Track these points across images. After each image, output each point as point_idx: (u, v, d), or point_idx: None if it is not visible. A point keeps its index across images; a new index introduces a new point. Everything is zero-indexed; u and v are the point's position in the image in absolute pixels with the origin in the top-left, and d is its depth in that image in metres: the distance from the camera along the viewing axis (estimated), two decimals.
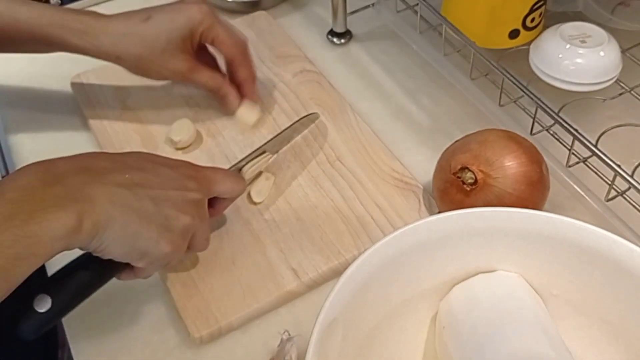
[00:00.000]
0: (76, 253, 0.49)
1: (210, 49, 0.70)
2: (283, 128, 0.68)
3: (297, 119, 0.69)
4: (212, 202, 0.57)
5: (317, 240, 0.60)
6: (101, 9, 0.89)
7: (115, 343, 0.56)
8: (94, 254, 0.48)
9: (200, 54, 0.68)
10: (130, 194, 0.47)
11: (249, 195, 0.63)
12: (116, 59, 0.65)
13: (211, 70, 0.68)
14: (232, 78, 0.70)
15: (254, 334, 0.56)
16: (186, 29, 0.64)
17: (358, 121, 0.71)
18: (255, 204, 0.63)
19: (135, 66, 0.66)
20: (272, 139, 0.66)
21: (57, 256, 0.44)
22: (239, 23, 0.85)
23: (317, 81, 0.76)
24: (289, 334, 0.52)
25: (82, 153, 0.49)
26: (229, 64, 0.69)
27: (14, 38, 0.63)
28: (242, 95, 0.70)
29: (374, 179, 0.65)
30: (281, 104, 0.74)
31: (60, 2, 0.89)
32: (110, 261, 0.49)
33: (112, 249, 0.47)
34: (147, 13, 0.64)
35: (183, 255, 0.53)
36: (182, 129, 0.69)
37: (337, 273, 0.58)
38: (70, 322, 0.57)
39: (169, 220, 0.50)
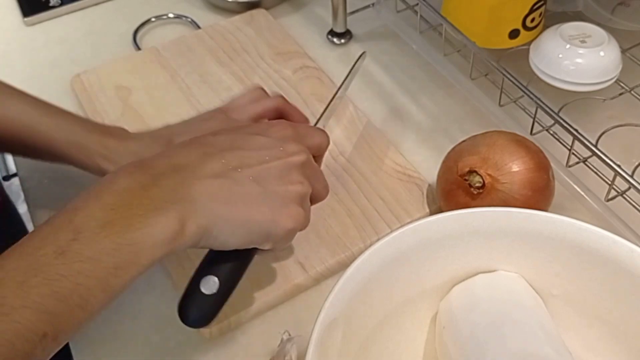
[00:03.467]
0: None
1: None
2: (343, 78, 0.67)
3: (351, 65, 0.68)
4: None
5: (323, 234, 0.61)
6: (101, 8, 0.90)
7: (116, 343, 0.56)
8: (214, 249, 0.46)
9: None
10: (230, 182, 0.45)
11: None
12: None
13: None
14: None
15: (254, 334, 0.56)
16: None
17: (359, 116, 0.72)
18: None
19: None
20: (335, 94, 0.64)
21: None
22: (237, 21, 0.85)
23: (318, 77, 0.76)
24: (289, 334, 0.52)
25: (174, 145, 0.47)
26: None
27: (31, 147, 0.57)
28: None
29: (377, 172, 0.66)
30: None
31: (60, 2, 0.89)
32: None
33: (229, 242, 0.45)
34: (168, 136, 0.57)
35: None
36: None
37: (343, 266, 0.59)
38: None
39: (279, 195, 0.46)
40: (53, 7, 0.89)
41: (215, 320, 0.47)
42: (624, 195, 0.58)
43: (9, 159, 0.69)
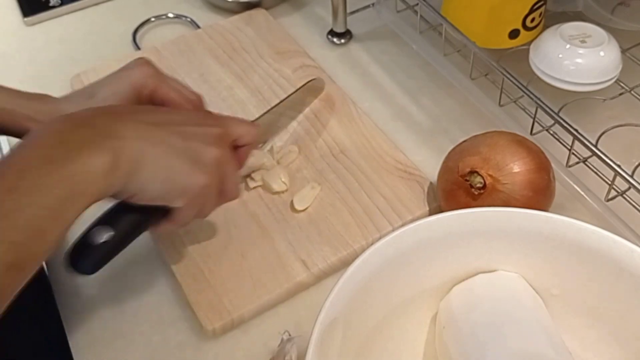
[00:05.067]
0: None
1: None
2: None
3: (299, 86, 0.70)
4: (234, 151, 0.57)
5: (324, 232, 0.61)
6: (101, 8, 0.90)
7: (116, 343, 0.56)
8: (132, 201, 0.48)
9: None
10: (158, 129, 0.48)
11: (291, 202, 0.63)
12: None
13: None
14: None
15: (254, 334, 0.56)
16: (131, 97, 0.59)
17: (360, 114, 0.72)
18: (297, 211, 0.63)
19: None
20: (274, 107, 0.67)
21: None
22: (237, 21, 0.85)
23: (318, 76, 0.76)
24: (289, 334, 0.52)
25: (101, 106, 0.50)
26: None
27: None
28: None
29: (378, 170, 0.66)
30: None
31: (60, 2, 0.89)
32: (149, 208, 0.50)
33: (149, 187, 0.48)
34: (90, 90, 0.60)
35: (216, 204, 0.54)
36: None
37: (345, 263, 0.59)
38: (70, 322, 0.57)
39: (198, 152, 0.50)
40: (53, 7, 0.89)
41: (218, 318, 0.46)
42: (624, 195, 0.58)
43: None
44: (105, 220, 0.50)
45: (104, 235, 0.49)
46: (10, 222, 0.40)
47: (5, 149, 0.71)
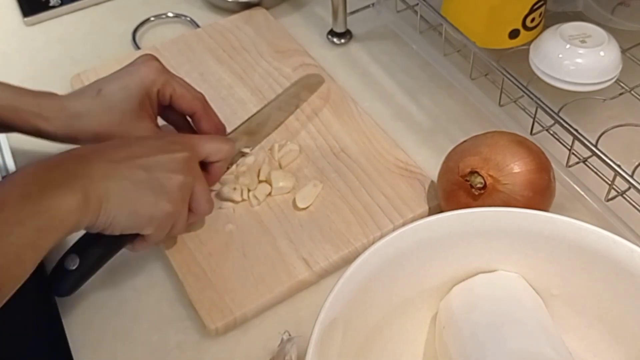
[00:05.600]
0: None
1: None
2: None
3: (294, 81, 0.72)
4: (207, 168, 0.59)
5: (326, 230, 0.61)
6: (101, 8, 0.90)
7: (116, 343, 0.56)
8: (105, 233, 0.52)
9: (167, 114, 0.65)
10: (122, 166, 0.51)
11: (293, 200, 0.64)
12: (74, 139, 0.61)
13: (175, 134, 0.65)
14: (199, 132, 0.65)
15: (254, 334, 0.56)
16: (140, 92, 0.61)
17: (360, 112, 0.72)
18: (299, 209, 0.63)
19: (95, 143, 0.60)
20: (269, 103, 0.69)
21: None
22: (236, 20, 0.85)
23: (318, 74, 0.76)
24: (289, 334, 0.52)
25: (71, 149, 0.54)
26: (192, 117, 0.65)
27: None
28: None
29: (379, 168, 0.66)
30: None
31: (60, 2, 0.89)
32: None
33: (117, 220, 0.51)
34: (98, 86, 0.61)
35: (188, 220, 0.57)
36: None
37: (347, 261, 0.59)
38: (70, 322, 0.57)
39: (161, 181, 0.53)
40: (53, 7, 0.89)
41: (221, 317, 0.46)
42: (624, 195, 0.58)
43: (9, 159, 0.69)
44: (74, 249, 0.55)
45: (75, 263, 0.54)
46: None
47: (5, 149, 0.71)
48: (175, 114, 0.65)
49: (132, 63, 0.63)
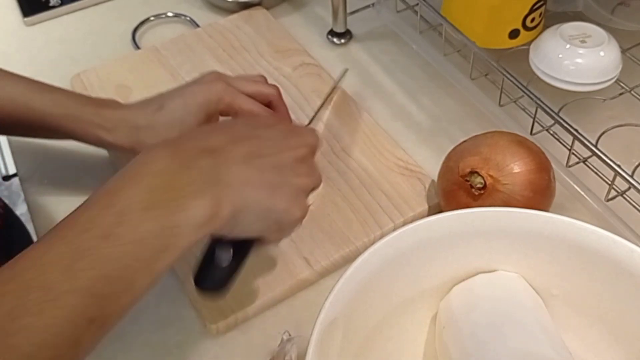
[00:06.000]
0: None
1: None
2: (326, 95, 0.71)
3: (333, 83, 0.72)
4: None
5: (327, 229, 0.61)
6: (101, 8, 0.90)
7: (116, 343, 0.56)
8: (227, 235, 0.47)
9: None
10: (255, 170, 0.46)
11: None
12: (132, 150, 0.59)
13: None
14: None
15: (254, 334, 0.56)
16: (201, 113, 0.59)
17: (360, 111, 0.72)
18: None
19: None
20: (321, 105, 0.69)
21: None
22: (236, 19, 0.85)
23: (317, 74, 0.77)
24: (289, 334, 0.52)
25: (198, 129, 0.49)
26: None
27: (27, 125, 0.60)
28: None
29: (380, 167, 0.66)
30: (283, 98, 0.74)
31: (60, 2, 0.89)
32: None
33: (250, 228, 0.47)
34: (160, 101, 0.60)
35: None
36: None
37: (348, 260, 0.59)
38: None
39: (293, 186, 0.48)
40: (53, 7, 0.89)
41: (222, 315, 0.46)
42: (624, 195, 0.58)
43: (9, 159, 0.69)
44: (227, 242, 0.49)
45: (228, 258, 0.49)
46: (101, 272, 0.37)
47: (5, 148, 0.71)
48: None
49: (198, 81, 0.61)
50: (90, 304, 0.37)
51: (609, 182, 0.57)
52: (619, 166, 0.56)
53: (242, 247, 0.49)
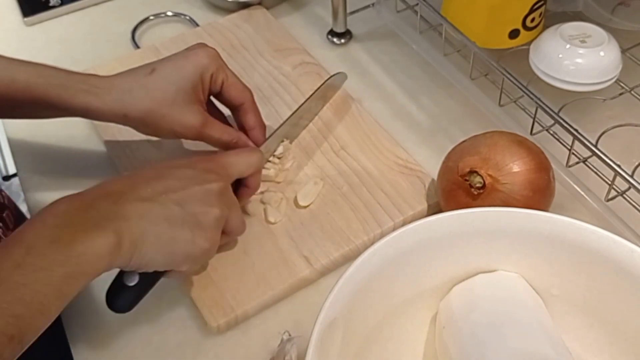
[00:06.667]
0: None
1: (217, 103, 0.66)
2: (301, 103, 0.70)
3: (318, 86, 0.71)
4: (243, 181, 0.59)
5: (326, 228, 0.61)
6: (101, 8, 0.90)
7: (116, 343, 0.56)
8: (138, 271, 0.50)
9: (209, 109, 0.64)
10: (157, 205, 0.49)
11: (294, 198, 0.64)
12: (123, 117, 0.60)
13: (223, 124, 0.64)
14: (241, 126, 0.65)
15: (254, 334, 0.56)
16: (195, 75, 0.60)
17: (360, 110, 0.72)
18: (300, 207, 0.63)
19: (144, 123, 0.61)
20: (295, 111, 0.68)
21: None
22: (235, 19, 0.85)
23: (317, 73, 0.77)
24: (289, 334, 0.52)
25: (102, 182, 0.51)
26: (239, 109, 0.64)
27: (11, 99, 0.59)
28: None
29: (379, 166, 0.66)
30: (282, 96, 0.74)
31: (60, 2, 0.89)
32: None
33: (153, 261, 0.49)
34: (151, 66, 0.61)
35: (220, 242, 0.54)
36: None
37: (348, 259, 0.60)
38: (70, 322, 0.57)
39: (198, 217, 0.51)
40: (53, 7, 0.89)
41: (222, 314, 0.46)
42: (624, 195, 0.58)
43: (9, 159, 0.69)
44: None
45: (135, 279, 0.52)
46: (16, 296, 0.41)
47: (5, 149, 0.71)
48: (217, 111, 0.66)
49: (188, 48, 0.63)
50: (9, 323, 0.41)
51: (609, 182, 0.57)
52: (619, 166, 0.56)
53: (149, 275, 0.52)
